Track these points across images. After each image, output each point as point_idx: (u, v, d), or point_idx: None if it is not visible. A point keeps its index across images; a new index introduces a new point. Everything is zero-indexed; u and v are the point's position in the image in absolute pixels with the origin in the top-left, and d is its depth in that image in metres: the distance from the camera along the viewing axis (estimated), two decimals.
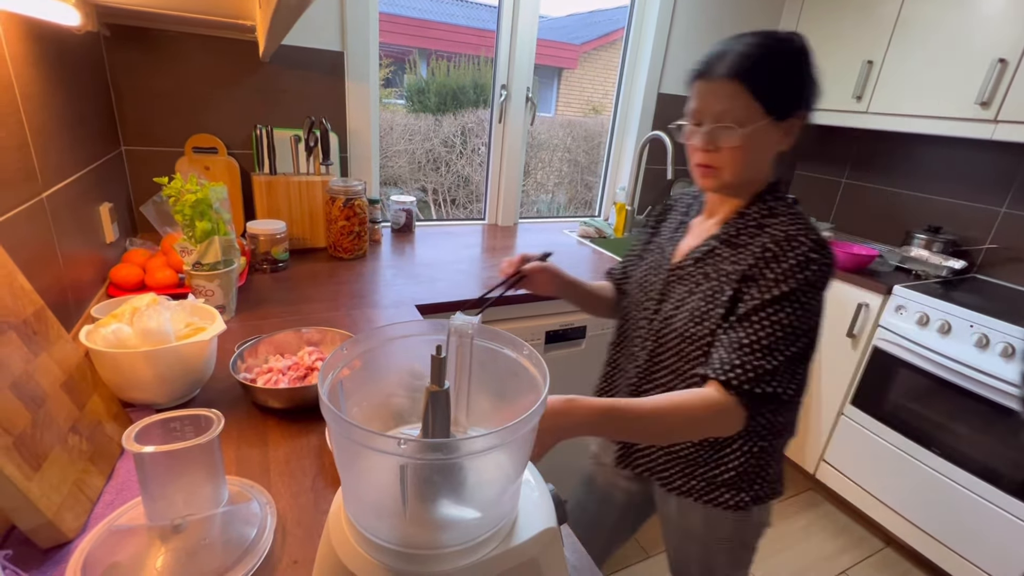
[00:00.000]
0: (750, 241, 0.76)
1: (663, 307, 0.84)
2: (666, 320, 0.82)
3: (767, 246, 0.73)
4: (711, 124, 0.73)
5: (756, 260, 0.73)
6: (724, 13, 2.15)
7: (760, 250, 0.74)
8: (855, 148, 2.39)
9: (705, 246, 0.81)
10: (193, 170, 1.44)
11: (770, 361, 0.68)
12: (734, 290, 0.75)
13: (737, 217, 0.79)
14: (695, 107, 0.75)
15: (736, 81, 0.70)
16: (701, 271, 0.80)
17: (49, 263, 0.88)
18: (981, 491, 1.58)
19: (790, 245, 0.72)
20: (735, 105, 0.71)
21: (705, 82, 0.73)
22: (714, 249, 0.80)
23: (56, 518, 0.53)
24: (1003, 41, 1.62)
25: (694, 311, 0.78)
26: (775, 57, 0.71)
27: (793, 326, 0.69)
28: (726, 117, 0.72)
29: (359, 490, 0.44)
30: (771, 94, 0.71)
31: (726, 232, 0.79)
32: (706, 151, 0.75)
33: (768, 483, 0.85)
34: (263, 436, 0.75)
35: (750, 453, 0.81)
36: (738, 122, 0.71)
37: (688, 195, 0.95)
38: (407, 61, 2.73)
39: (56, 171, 0.94)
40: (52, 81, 0.95)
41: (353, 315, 1.16)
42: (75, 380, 0.66)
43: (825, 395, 2.04)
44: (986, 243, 1.98)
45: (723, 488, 0.83)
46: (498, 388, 0.53)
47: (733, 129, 0.72)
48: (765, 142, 0.74)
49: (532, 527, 0.46)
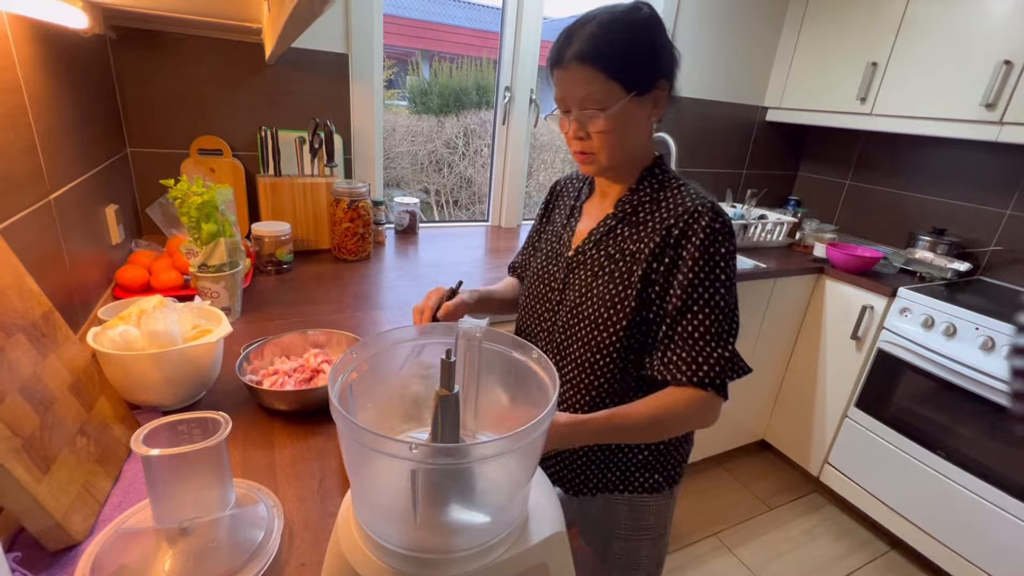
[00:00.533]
0: (649, 217, 0.76)
1: (567, 296, 0.81)
2: (573, 309, 0.79)
3: (668, 224, 0.73)
4: (576, 111, 0.72)
5: (662, 239, 0.73)
6: (727, 14, 2.15)
7: (662, 228, 0.73)
8: (859, 149, 2.38)
9: (603, 227, 0.80)
10: (198, 172, 1.45)
11: (726, 347, 0.70)
12: (643, 270, 0.73)
13: (630, 194, 0.78)
14: (558, 96, 0.74)
15: (587, 65, 0.68)
16: (604, 252, 0.78)
17: (56, 265, 0.89)
18: (986, 494, 1.57)
19: (692, 218, 0.71)
20: (593, 89, 0.69)
21: (560, 70, 0.71)
22: (613, 229, 0.79)
23: (65, 520, 0.53)
24: (1008, 43, 1.61)
25: (604, 295, 0.76)
26: (622, 31, 0.68)
27: (728, 304, 0.71)
28: (587, 103, 0.70)
29: (369, 494, 0.44)
30: (626, 70, 0.68)
31: (622, 210, 0.78)
32: (579, 139, 0.73)
33: (679, 463, 0.86)
34: (269, 438, 0.75)
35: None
36: (600, 106, 0.69)
37: (576, 179, 0.93)
38: (410, 63, 2.73)
39: (63, 173, 0.94)
40: (59, 84, 0.96)
41: (358, 317, 1.16)
42: (82, 382, 0.66)
43: (829, 397, 2.03)
44: (991, 245, 1.97)
45: (639, 471, 0.83)
46: (507, 391, 0.53)
47: (596, 114, 0.70)
48: (634, 119, 0.72)
49: (541, 531, 0.46)
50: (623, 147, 0.74)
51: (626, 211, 0.78)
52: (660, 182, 0.78)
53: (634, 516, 0.86)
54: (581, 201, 0.88)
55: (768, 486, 2.19)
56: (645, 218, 0.76)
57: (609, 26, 0.68)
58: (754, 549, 1.87)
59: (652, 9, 0.71)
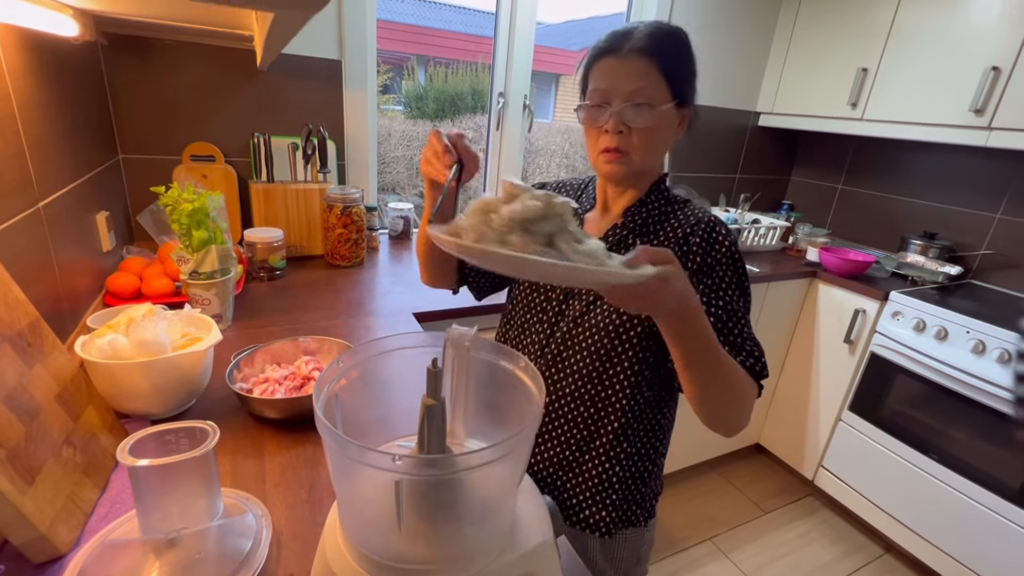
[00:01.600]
0: (659, 228, 0.76)
1: (570, 306, 0.78)
2: (577, 319, 0.77)
3: (684, 232, 0.74)
4: (621, 104, 0.70)
5: (679, 248, 0.74)
6: (720, 20, 2.17)
7: (676, 237, 0.74)
8: (851, 154, 2.40)
9: (612, 236, 0.78)
10: (190, 178, 1.44)
11: (757, 345, 0.71)
12: None
13: (639, 206, 0.78)
14: (602, 87, 0.71)
15: (648, 58, 0.68)
16: None
17: (45, 273, 0.88)
18: (980, 497, 1.58)
19: (710, 228, 0.73)
20: (648, 83, 0.69)
21: (615, 59, 0.70)
22: (624, 239, 0.78)
23: (49, 532, 0.53)
24: (996, 49, 1.63)
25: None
26: (677, 44, 0.71)
27: (747, 310, 0.73)
28: (639, 95, 0.69)
29: (354, 505, 0.43)
30: (677, 76, 0.70)
31: (632, 221, 0.78)
32: (617, 133, 0.71)
33: (658, 483, 0.86)
34: (259, 447, 0.75)
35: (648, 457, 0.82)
36: (651, 100, 0.69)
37: (568, 188, 0.90)
38: (405, 67, 2.73)
39: (53, 180, 0.94)
40: (49, 91, 0.96)
41: (351, 324, 1.16)
42: (70, 392, 0.66)
43: (823, 401, 2.04)
44: (981, 249, 1.99)
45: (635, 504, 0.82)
46: (494, 400, 0.52)
47: (647, 108, 0.69)
48: (670, 128, 0.73)
49: (528, 540, 0.46)
50: (657, 152, 0.74)
51: (636, 222, 0.78)
52: (666, 197, 0.79)
53: (631, 549, 0.85)
54: (580, 213, 0.86)
55: (763, 490, 2.19)
56: (655, 229, 0.77)
57: (667, 35, 0.71)
58: (749, 553, 1.87)
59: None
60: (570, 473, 0.81)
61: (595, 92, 0.72)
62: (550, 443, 0.82)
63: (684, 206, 0.78)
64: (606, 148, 0.73)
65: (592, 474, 0.80)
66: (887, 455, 1.82)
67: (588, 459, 0.80)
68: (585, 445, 0.80)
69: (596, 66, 0.73)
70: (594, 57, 0.73)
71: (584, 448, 0.80)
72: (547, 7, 1.94)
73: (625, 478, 0.80)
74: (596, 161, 0.76)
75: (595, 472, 0.80)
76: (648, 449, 0.82)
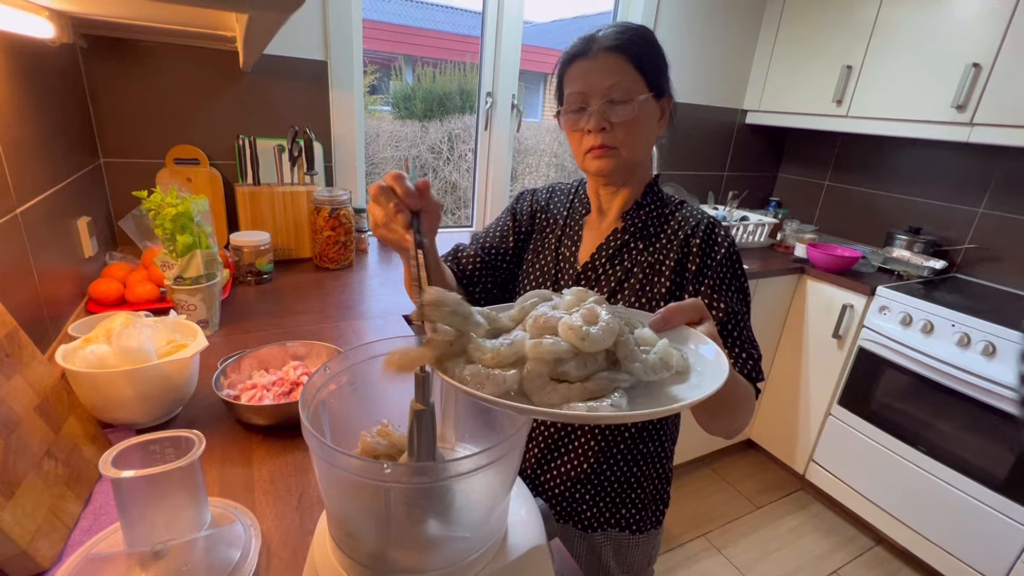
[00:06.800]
0: (659, 231, 0.78)
1: None
2: None
3: (685, 234, 0.76)
4: (599, 101, 0.71)
5: (680, 251, 0.75)
6: (706, 18, 2.18)
7: (677, 240, 0.76)
8: (837, 151, 2.43)
9: (615, 240, 0.79)
10: (175, 182, 1.42)
11: (756, 348, 0.73)
12: (671, 282, 0.75)
13: (636, 208, 0.79)
14: (578, 89, 0.72)
15: (617, 53, 0.70)
16: (620, 267, 0.78)
17: (24, 280, 0.86)
18: (967, 488, 1.60)
19: (710, 229, 0.75)
20: (623, 77, 0.70)
21: (586, 60, 0.72)
22: (627, 243, 0.79)
23: (30, 547, 0.51)
24: (977, 46, 1.66)
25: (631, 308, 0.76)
26: (644, 38, 0.73)
27: (747, 311, 0.74)
28: (616, 90, 0.70)
29: (343, 513, 0.43)
30: (649, 68, 0.72)
31: (632, 224, 0.79)
32: (600, 130, 0.72)
33: (668, 484, 0.87)
34: (247, 454, 0.74)
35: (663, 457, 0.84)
36: (627, 95, 0.70)
37: (560, 193, 0.90)
38: (393, 68, 2.71)
39: (31, 186, 0.91)
40: (26, 94, 0.93)
41: (340, 327, 1.14)
42: (50, 402, 0.64)
43: (813, 395, 2.05)
44: (965, 243, 2.02)
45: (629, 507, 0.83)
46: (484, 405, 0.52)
47: (625, 102, 0.70)
48: (651, 120, 0.74)
49: (521, 545, 0.45)
50: (642, 145, 0.75)
51: (636, 225, 0.79)
52: (662, 198, 0.80)
53: (645, 553, 0.86)
54: (577, 217, 0.86)
55: (755, 485, 2.21)
56: (656, 231, 0.78)
57: (633, 31, 0.72)
58: (742, 548, 1.88)
59: None
60: (588, 485, 0.82)
61: (572, 96, 0.73)
62: (566, 456, 0.82)
63: (681, 207, 0.79)
64: (591, 146, 0.73)
65: (613, 479, 0.81)
66: (876, 448, 1.84)
67: (608, 468, 0.81)
68: (603, 454, 0.80)
69: (569, 71, 0.74)
70: (565, 63, 0.75)
71: (603, 457, 0.80)
72: (534, 6, 1.93)
73: (643, 478, 0.82)
74: (584, 162, 0.76)
75: (615, 478, 0.81)
76: (667, 444, 0.84)
